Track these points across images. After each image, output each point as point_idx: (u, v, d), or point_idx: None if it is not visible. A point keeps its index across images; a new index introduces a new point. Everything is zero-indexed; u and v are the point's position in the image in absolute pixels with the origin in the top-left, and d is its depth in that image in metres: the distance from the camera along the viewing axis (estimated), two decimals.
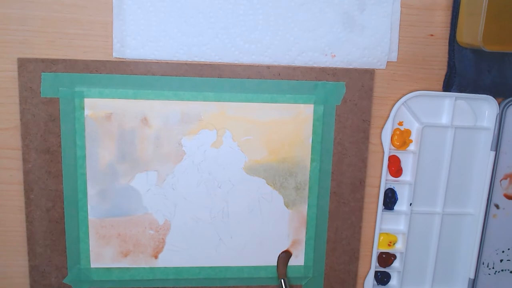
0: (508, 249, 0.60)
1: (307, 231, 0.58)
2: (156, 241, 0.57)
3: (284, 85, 0.54)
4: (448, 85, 0.56)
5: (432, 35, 0.55)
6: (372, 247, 0.59)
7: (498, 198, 0.59)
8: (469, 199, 0.59)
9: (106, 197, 0.55)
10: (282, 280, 0.56)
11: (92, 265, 0.56)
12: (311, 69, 0.54)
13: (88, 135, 0.53)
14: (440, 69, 0.56)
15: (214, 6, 0.52)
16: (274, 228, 0.58)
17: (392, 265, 0.60)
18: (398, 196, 0.59)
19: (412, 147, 0.57)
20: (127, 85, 0.53)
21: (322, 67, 0.54)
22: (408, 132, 0.57)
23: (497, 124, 0.56)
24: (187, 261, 0.57)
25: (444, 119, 0.57)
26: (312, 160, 0.56)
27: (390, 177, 0.58)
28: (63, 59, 0.51)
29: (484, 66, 0.55)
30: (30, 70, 0.51)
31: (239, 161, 0.56)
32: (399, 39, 0.55)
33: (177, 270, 0.58)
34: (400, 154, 0.58)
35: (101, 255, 0.56)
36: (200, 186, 0.56)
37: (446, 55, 0.56)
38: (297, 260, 0.59)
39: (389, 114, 0.56)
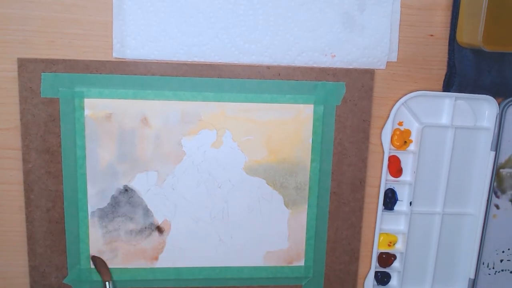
0: (508, 249, 0.60)
1: (307, 231, 0.58)
2: (156, 241, 0.57)
3: (284, 85, 0.54)
4: (448, 85, 0.56)
5: (432, 35, 0.55)
6: (372, 247, 0.59)
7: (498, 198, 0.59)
8: (469, 199, 0.59)
9: (106, 197, 0.55)
10: (108, 283, 0.55)
11: (92, 265, 0.56)
12: (311, 69, 0.54)
13: (88, 135, 0.53)
14: (440, 69, 0.56)
15: (214, 6, 0.52)
16: (274, 228, 0.58)
17: (392, 265, 0.60)
18: (398, 196, 0.58)
19: (412, 147, 0.57)
20: (127, 85, 0.53)
21: (322, 67, 0.54)
22: (408, 132, 0.57)
23: (497, 124, 0.56)
24: (187, 261, 0.57)
25: (444, 119, 0.57)
26: (312, 160, 0.56)
27: (390, 177, 0.58)
28: (63, 59, 0.51)
29: (484, 66, 0.55)
30: (30, 70, 0.51)
31: (239, 161, 0.56)
32: (399, 39, 0.55)
33: (177, 270, 0.57)
34: (400, 154, 0.58)
35: (101, 255, 0.56)
36: (200, 186, 0.56)
37: (446, 55, 0.56)
38: (297, 260, 0.59)
39: (389, 114, 0.56)
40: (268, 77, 0.54)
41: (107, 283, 0.55)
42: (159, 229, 0.56)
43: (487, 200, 0.58)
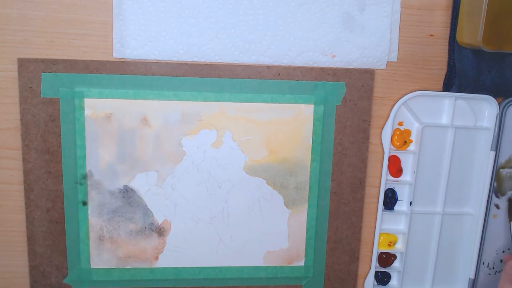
0: (508, 249, 0.60)
1: (307, 231, 0.58)
2: (156, 241, 0.57)
3: (284, 85, 0.54)
4: (448, 85, 0.56)
5: (432, 35, 0.55)
6: (372, 247, 0.59)
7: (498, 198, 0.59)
8: (469, 199, 0.59)
9: (106, 197, 0.55)
10: None
11: (92, 265, 0.56)
12: (311, 69, 0.54)
13: (88, 135, 0.53)
14: (440, 69, 0.56)
15: (214, 6, 0.52)
16: (274, 228, 0.58)
17: (392, 265, 0.60)
18: (398, 196, 0.58)
19: (412, 147, 0.57)
20: (127, 85, 0.53)
21: (322, 67, 0.54)
22: (408, 132, 0.57)
23: (497, 124, 0.56)
24: (187, 261, 0.57)
25: (444, 119, 0.57)
26: (312, 160, 0.56)
27: (390, 177, 0.58)
28: (63, 59, 0.51)
29: (484, 66, 0.55)
30: (30, 70, 0.51)
31: (239, 161, 0.56)
32: (399, 39, 0.55)
33: (177, 270, 0.57)
34: (400, 154, 0.58)
35: (101, 255, 0.56)
36: (200, 186, 0.56)
37: (446, 55, 0.56)
38: (297, 260, 0.59)
39: (389, 114, 0.56)
40: (268, 77, 0.54)
41: None
42: (159, 229, 0.56)
43: (487, 200, 0.58)
